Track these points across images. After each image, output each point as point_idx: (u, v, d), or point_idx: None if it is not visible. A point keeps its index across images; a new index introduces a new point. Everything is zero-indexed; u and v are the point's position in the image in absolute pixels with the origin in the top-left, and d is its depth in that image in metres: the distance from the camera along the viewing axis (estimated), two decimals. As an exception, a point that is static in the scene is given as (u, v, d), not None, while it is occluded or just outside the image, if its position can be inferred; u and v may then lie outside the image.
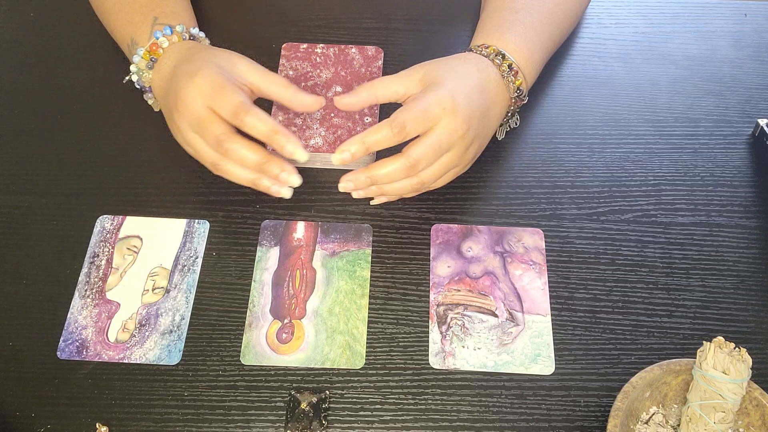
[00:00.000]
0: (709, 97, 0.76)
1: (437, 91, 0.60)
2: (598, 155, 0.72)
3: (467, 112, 0.60)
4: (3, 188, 0.70)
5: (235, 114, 0.59)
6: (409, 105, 0.60)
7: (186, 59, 0.65)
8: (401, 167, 0.60)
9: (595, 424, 0.58)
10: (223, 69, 0.62)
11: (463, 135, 0.61)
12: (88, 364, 0.61)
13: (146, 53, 0.68)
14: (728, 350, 0.53)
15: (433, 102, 0.60)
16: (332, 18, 0.81)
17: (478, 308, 0.63)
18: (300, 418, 0.58)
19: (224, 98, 0.59)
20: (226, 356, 0.61)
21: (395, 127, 0.59)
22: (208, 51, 0.65)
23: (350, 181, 0.61)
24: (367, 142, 0.60)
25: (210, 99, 0.60)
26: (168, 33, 0.68)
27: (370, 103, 0.63)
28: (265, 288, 0.64)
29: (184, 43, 0.68)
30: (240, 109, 0.59)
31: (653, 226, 0.68)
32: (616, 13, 0.83)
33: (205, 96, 0.60)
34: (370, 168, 0.61)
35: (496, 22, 0.69)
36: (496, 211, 0.69)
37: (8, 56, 0.79)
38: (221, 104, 0.59)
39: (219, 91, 0.59)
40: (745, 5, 0.83)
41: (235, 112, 0.59)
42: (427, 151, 0.60)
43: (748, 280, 0.65)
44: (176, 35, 0.68)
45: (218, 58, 0.63)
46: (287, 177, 0.60)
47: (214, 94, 0.59)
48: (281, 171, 0.60)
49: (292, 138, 0.59)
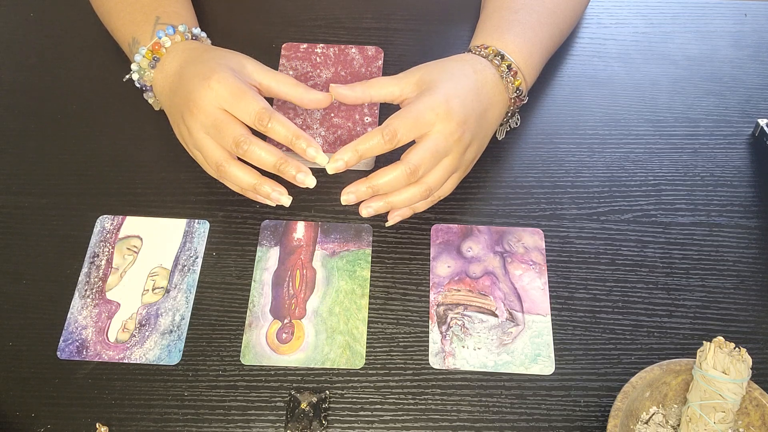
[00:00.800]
0: (709, 97, 0.76)
1: (431, 96, 0.60)
2: (598, 155, 0.72)
3: (461, 116, 0.61)
4: (3, 188, 0.70)
5: (259, 119, 0.60)
6: (401, 112, 0.60)
7: (193, 60, 0.65)
8: (401, 174, 0.60)
9: (595, 424, 0.58)
10: (235, 72, 0.62)
11: (459, 138, 0.61)
12: (88, 364, 0.61)
13: (149, 52, 0.68)
14: (728, 350, 0.53)
15: (426, 108, 0.60)
16: (332, 18, 0.81)
17: (478, 308, 0.63)
18: (300, 418, 0.58)
19: (245, 104, 0.60)
20: (226, 356, 0.61)
21: (387, 134, 0.59)
22: (215, 52, 0.66)
23: (351, 193, 0.61)
24: (359, 150, 0.60)
25: (228, 103, 0.60)
26: (170, 32, 0.68)
27: (362, 100, 0.64)
28: (265, 288, 0.64)
29: (187, 43, 0.68)
30: (263, 114, 0.59)
31: (653, 226, 0.68)
32: (616, 13, 0.83)
33: (222, 99, 0.60)
34: (371, 178, 0.61)
35: (495, 23, 0.69)
36: (496, 211, 0.69)
37: (8, 56, 0.79)
38: (242, 109, 0.60)
39: (240, 96, 0.60)
40: (745, 5, 0.83)
41: (259, 117, 0.60)
42: (425, 155, 0.60)
43: (748, 280, 0.65)
44: (179, 35, 0.68)
45: (227, 59, 0.64)
46: (303, 178, 0.61)
47: (234, 99, 0.60)
48: (298, 172, 0.60)
49: (313, 142, 0.60)
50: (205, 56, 0.65)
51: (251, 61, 0.65)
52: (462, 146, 0.62)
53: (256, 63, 0.65)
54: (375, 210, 0.62)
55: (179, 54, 0.67)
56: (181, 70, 0.65)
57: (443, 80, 0.62)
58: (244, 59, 0.65)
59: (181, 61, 0.66)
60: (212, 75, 0.61)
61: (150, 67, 0.68)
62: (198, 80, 0.61)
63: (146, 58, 0.68)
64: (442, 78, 0.62)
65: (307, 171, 0.61)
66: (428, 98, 0.60)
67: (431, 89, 0.61)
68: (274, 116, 0.60)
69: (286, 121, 0.60)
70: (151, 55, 0.68)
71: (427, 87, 0.62)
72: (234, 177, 0.62)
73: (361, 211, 0.63)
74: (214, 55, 0.65)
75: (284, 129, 0.60)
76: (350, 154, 0.60)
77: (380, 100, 0.64)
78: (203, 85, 0.61)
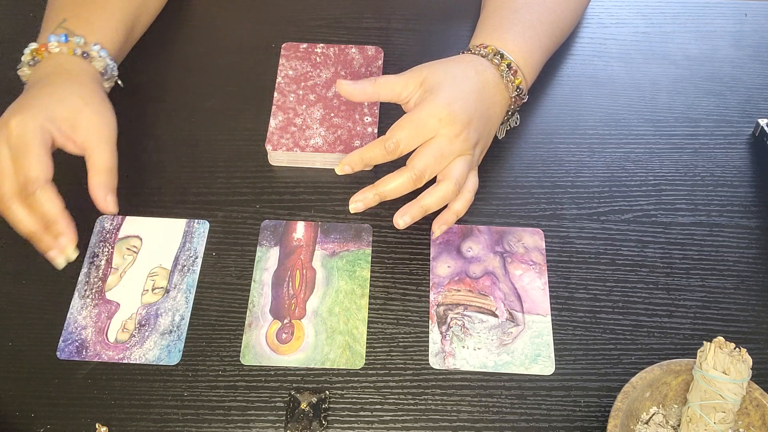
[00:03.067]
0: (709, 97, 0.76)
1: (432, 102, 0.61)
2: (598, 155, 0.72)
3: (465, 117, 0.61)
4: (3, 188, 0.70)
5: (24, 186, 0.58)
6: (403, 120, 0.60)
7: (43, 83, 0.63)
8: (407, 180, 0.60)
9: (595, 425, 0.58)
10: (51, 121, 0.60)
11: (465, 138, 0.61)
12: (88, 364, 0.61)
13: (33, 51, 0.66)
14: (728, 350, 0.53)
15: (427, 115, 0.60)
16: (332, 18, 0.81)
17: (478, 308, 0.63)
18: (300, 419, 0.58)
19: (26, 161, 0.58)
20: (226, 356, 0.61)
21: (389, 146, 0.60)
22: (65, 88, 0.63)
23: (359, 202, 0.61)
24: (364, 158, 0.61)
25: (13, 149, 0.58)
26: (63, 40, 0.66)
27: (371, 99, 0.64)
28: (265, 288, 0.64)
29: (65, 61, 0.65)
30: (31, 184, 0.57)
31: (653, 226, 0.68)
32: (616, 13, 0.83)
33: (11, 144, 0.58)
34: (377, 185, 0.61)
35: (495, 22, 0.69)
36: (496, 211, 0.69)
37: (8, 56, 0.79)
38: (20, 165, 0.58)
39: (24, 151, 0.58)
40: (745, 5, 0.83)
41: (24, 184, 0.58)
42: (429, 160, 0.60)
43: (749, 280, 0.65)
44: (67, 47, 0.66)
45: (60, 106, 0.61)
46: (54, 256, 0.59)
47: (19, 150, 0.58)
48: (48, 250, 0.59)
49: (69, 233, 0.58)
50: (48, 88, 0.62)
51: (94, 120, 0.62)
52: (469, 145, 0.62)
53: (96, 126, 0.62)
54: (412, 218, 0.62)
55: (49, 68, 0.65)
56: (37, 84, 0.63)
57: (446, 83, 0.62)
58: (87, 116, 0.62)
59: (43, 75, 0.64)
60: (25, 110, 0.59)
61: (29, 65, 0.66)
62: (15, 108, 0.60)
63: (30, 55, 0.66)
64: (444, 81, 0.62)
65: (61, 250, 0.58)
66: (430, 105, 0.60)
67: (433, 93, 0.61)
68: (44, 188, 0.57)
69: (55, 197, 0.58)
70: (33, 54, 0.66)
71: (429, 90, 0.62)
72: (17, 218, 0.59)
73: (398, 221, 0.61)
74: (56, 91, 0.62)
75: (48, 205, 0.58)
76: (357, 160, 0.61)
77: (386, 100, 0.64)
78: (10, 116, 0.59)
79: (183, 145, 0.72)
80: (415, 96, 0.63)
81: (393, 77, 0.64)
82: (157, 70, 0.77)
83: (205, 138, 0.73)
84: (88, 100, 0.63)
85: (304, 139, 0.70)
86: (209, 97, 0.76)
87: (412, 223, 0.62)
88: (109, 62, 0.68)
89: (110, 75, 0.69)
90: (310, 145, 0.70)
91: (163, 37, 0.79)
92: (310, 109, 0.73)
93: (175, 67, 0.78)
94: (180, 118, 0.74)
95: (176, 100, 0.75)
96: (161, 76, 0.77)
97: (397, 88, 0.63)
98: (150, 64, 0.77)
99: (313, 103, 0.73)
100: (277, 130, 0.71)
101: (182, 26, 0.81)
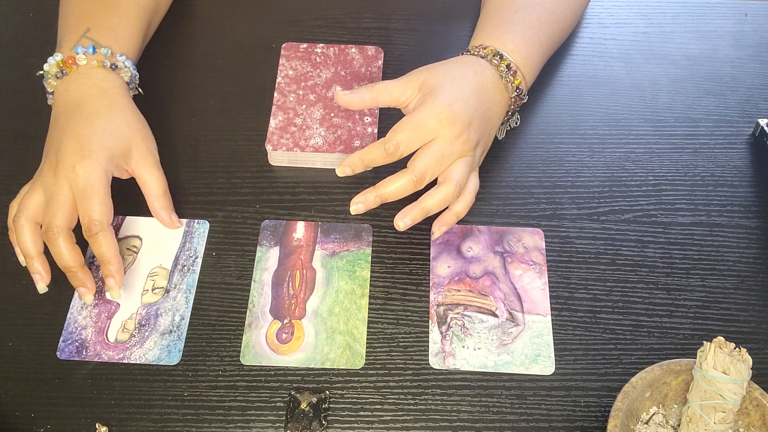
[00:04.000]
0: (709, 97, 0.76)
1: (432, 103, 0.60)
2: (598, 155, 0.72)
3: (465, 118, 0.61)
4: (3, 188, 0.70)
5: (88, 227, 0.60)
6: (403, 123, 0.60)
7: (89, 111, 0.63)
8: (408, 182, 0.60)
9: (595, 425, 0.58)
10: (112, 158, 0.62)
11: (466, 139, 0.61)
12: (88, 364, 0.61)
13: (60, 62, 0.66)
14: (728, 350, 0.53)
15: (427, 116, 0.60)
16: (332, 18, 0.81)
17: (478, 308, 0.63)
18: (300, 418, 0.58)
19: (88, 205, 0.60)
20: (226, 356, 0.61)
21: (390, 147, 0.60)
22: (113, 118, 0.64)
23: (360, 203, 0.61)
24: (365, 160, 0.61)
25: (78, 192, 0.60)
26: (90, 52, 0.66)
27: (369, 106, 0.64)
28: (265, 288, 0.64)
29: (97, 78, 0.66)
30: (93, 225, 0.59)
31: (653, 226, 0.68)
32: (616, 13, 0.83)
33: (75, 188, 0.60)
34: (378, 187, 0.61)
35: (494, 22, 0.69)
36: (496, 211, 0.69)
37: (8, 56, 0.79)
38: (83, 209, 0.60)
39: (88, 197, 0.60)
40: (745, 5, 0.83)
41: (88, 225, 0.59)
42: (430, 162, 0.60)
43: (749, 280, 0.65)
44: (96, 59, 0.66)
45: (114, 140, 0.63)
46: (84, 293, 0.61)
47: (82, 196, 0.60)
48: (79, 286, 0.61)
49: (118, 277, 0.60)
50: (101, 122, 0.63)
51: (142, 146, 0.65)
52: (470, 146, 0.62)
53: (145, 152, 0.65)
54: (413, 220, 0.62)
55: (86, 85, 0.65)
56: (75, 112, 0.64)
57: (445, 85, 0.62)
58: (136, 144, 0.64)
59: (83, 95, 0.64)
60: (88, 156, 0.60)
61: (56, 76, 0.66)
62: (75, 150, 0.61)
63: (56, 67, 0.66)
64: (444, 82, 0.62)
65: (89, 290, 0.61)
66: (429, 106, 0.60)
67: (432, 95, 0.61)
68: (105, 231, 0.60)
69: (114, 241, 0.60)
70: (61, 66, 0.66)
71: (428, 92, 0.62)
72: (22, 239, 0.61)
73: (398, 223, 0.62)
74: (107, 127, 0.63)
75: (106, 247, 0.60)
76: (358, 161, 0.61)
77: (385, 105, 0.64)
78: (73, 161, 0.60)
79: (183, 145, 0.72)
80: (414, 99, 0.63)
81: (390, 82, 0.64)
82: (157, 70, 0.77)
83: (205, 138, 0.73)
84: (134, 125, 0.65)
85: (304, 139, 0.70)
86: (209, 97, 0.76)
87: (412, 224, 0.62)
88: (133, 72, 0.69)
89: (134, 85, 0.70)
90: (310, 145, 0.70)
91: (163, 38, 0.79)
92: (310, 109, 0.73)
93: (176, 67, 0.78)
94: (180, 118, 0.74)
95: (176, 100, 0.75)
96: (161, 76, 0.77)
97: (395, 93, 0.63)
98: (150, 65, 0.77)
99: (313, 103, 0.73)
100: (277, 130, 0.71)
101: (183, 26, 0.81)
